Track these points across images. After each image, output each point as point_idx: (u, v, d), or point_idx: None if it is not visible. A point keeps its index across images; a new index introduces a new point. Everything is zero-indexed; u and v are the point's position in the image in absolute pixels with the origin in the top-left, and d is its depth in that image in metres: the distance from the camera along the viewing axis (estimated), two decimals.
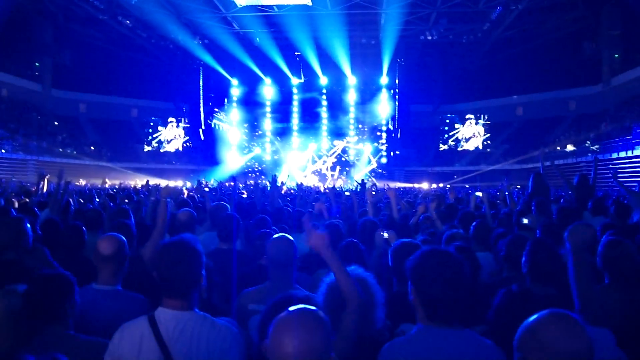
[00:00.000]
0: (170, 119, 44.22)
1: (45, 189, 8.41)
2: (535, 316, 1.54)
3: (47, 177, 8.61)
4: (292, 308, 1.59)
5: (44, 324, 2.32)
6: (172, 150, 44.37)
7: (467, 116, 42.50)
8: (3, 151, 28.97)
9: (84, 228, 4.00)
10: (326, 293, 2.30)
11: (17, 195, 8.69)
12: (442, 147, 43.07)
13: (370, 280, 2.33)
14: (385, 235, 4.05)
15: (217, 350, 2.01)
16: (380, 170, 39.88)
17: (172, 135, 44.45)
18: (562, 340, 1.43)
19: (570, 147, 33.06)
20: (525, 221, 4.84)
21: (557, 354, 1.43)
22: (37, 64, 41.09)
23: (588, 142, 31.11)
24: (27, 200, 7.52)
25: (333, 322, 2.18)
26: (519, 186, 18.40)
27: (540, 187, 7.26)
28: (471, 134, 42.60)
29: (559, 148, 34.25)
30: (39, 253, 3.38)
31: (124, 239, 3.04)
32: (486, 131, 42.23)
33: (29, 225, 3.47)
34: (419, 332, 2.02)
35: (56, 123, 40.08)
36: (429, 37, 35.17)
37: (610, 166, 26.25)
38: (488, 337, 2.11)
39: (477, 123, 42.39)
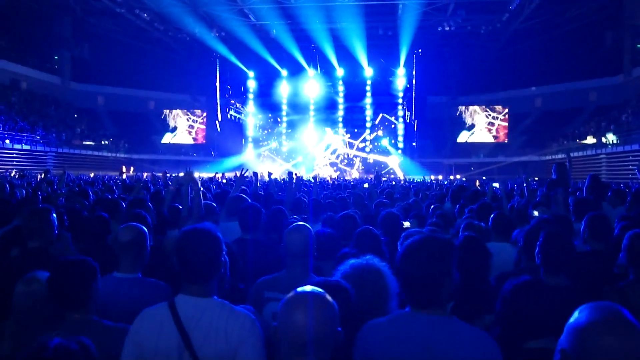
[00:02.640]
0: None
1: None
2: (585, 314, 1.40)
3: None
4: (298, 289, 1.71)
5: (67, 309, 2.36)
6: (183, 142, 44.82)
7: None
8: (23, 146, 29.36)
9: (108, 218, 4.08)
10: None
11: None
12: (460, 139, 42.86)
13: (385, 270, 2.33)
14: (407, 224, 4.07)
15: (235, 336, 2.04)
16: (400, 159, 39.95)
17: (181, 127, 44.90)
18: (617, 348, 1.31)
19: (590, 139, 32.59)
20: (536, 213, 4.82)
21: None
22: (56, 57, 41.63)
23: (608, 133, 30.64)
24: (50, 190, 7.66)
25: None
26: (537, 178, 18.24)
27: (561, 179, 7.19)
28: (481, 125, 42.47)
29: (578, 140, 33.80)
30: (63, 240, 3.46)
31: (144, 228, 3.09)
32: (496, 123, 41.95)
33: (55, 215, 3.55)
34: (400, 314, 2.03)
35: (75, 115, 40.58)
36: (447, 28, 34.80)
37: (631, 158, 25.90)
38: (495, 327, 2.10)
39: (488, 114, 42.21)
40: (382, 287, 2.28)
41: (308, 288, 1.72)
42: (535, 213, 4.88)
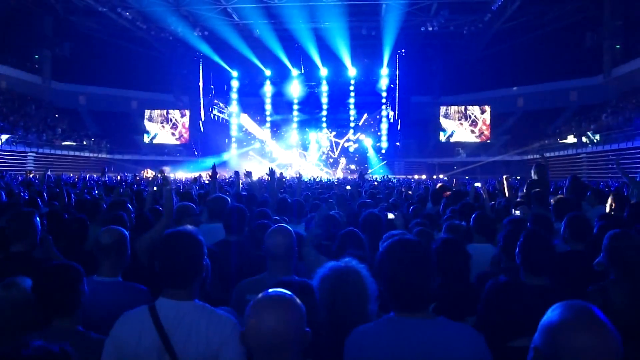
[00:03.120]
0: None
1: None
2: (557, 312, 1.42)
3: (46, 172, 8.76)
4: (264, 293, 1.71)
5: (53, 315, 2.34)
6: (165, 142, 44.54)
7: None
8: (3, 146, 28.88)
9: (87, 221, 4.03)
10: (319, 285, 2.32)
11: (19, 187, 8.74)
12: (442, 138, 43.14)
13: (365, 272, 2.33)
14: (391, 216, 4.06)
15: (216, 339, 2.03)
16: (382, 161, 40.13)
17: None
18: (589, 346, 1.33)
19: (570, 139, 33.01)
20: (517, 212, 4.86)
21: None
22: (36, 56, 41.07)
23: (589, 133, 31.06)
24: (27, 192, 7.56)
25: (328, 310, 2.22)
26: (518, 177, 18.41)
27: (540, 178, 7.25)
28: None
29: (559, 140, 34.21)
30: (45, 243, 3.42)
31: (125, 230, 3.06)
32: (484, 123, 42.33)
33: (38, 219, 3.50)
34: (388, 319, 2.02)
35: (56, 115, 40.06)
36: (430, 28, 35.00)
37: (611, 157, 26.27)
38: (477, 328, 2.12)
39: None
40: (362, 289, 2.28)
41: (273, 291, 1.72)
42: (517, 212, 4.92)
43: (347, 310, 2.24)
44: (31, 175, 13.88)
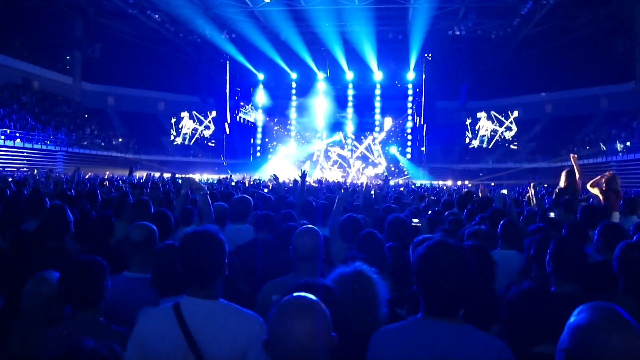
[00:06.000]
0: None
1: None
2: (585, 314, 1.45)
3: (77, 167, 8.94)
4: (287, 299, 1.61)
5: (78, 308, 2.38)
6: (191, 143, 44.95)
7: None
8: (34, 145, 29.52)
9: (112, 218, 4.08)
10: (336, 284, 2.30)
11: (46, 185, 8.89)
12: (474, 143, 42.62)
13: (375, 277, 2.31)
14: (415, 221, 4.04)
15: (244, 338, 2.02)
16: (403, 167, 39.88)
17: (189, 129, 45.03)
18: (620, 346, 1.36)
19: (600, 146, 32.38)
20: (552, 215, 4.78)
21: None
22: (67, 57, 41.92)
23: (619, 140, 30.41)
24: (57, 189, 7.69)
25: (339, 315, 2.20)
26: (545, 185, 18.11)
27: (569, 186, 7.12)
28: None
29: (588, 147, 33.58)
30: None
31: (155, 227, 3.09)
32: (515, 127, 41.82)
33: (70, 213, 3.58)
34: (414, 320, 1.99)
35: (85, 115, 40.80)
36: (457, 33, 34.66)
37: None
38: (502, 335, 2.09)
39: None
40: (372, 295, 2.27)
41: (298, 296, 1.61)
42: (552, 214, 4.83)
43: (356, 316, 2.22)
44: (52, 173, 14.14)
